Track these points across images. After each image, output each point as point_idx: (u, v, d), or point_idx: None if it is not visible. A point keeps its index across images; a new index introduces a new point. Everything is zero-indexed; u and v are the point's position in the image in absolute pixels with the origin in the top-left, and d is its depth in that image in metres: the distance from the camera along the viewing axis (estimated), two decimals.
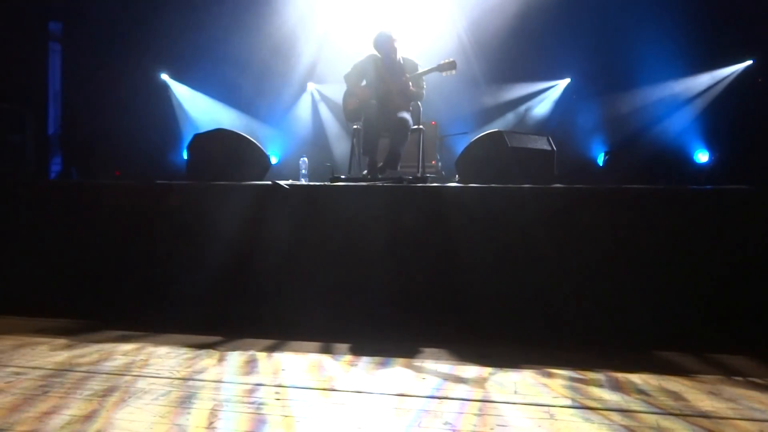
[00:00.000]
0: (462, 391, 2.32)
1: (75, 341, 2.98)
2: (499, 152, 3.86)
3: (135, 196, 3.73)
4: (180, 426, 1.96)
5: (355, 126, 5.21)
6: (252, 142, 4.18)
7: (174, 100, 9.54)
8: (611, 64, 7.81)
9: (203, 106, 9.38)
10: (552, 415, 2.09)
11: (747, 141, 7.32)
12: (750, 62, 7.99)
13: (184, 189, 3.73)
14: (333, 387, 2.38)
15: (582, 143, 8.45)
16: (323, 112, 9.49)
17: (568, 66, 8.40)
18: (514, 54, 7.96)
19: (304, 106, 9.58)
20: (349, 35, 7.35)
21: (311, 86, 9.50)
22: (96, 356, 2.73)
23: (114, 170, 8.40)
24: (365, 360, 2.73)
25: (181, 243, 3.56)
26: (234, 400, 2.19)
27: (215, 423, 1.99)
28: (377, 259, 3.34)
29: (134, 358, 2.70)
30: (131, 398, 2.19)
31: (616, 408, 2.16)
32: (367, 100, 4.88)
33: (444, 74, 4.78)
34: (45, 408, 2.09)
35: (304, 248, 3.45)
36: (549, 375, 2.53)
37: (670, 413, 2.11)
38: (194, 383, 2.37)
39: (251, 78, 8.68)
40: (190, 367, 2.59)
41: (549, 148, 4.14)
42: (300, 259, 3.44)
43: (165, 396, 2.22)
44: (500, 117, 8.75)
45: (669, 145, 8.05)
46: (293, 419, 2.03)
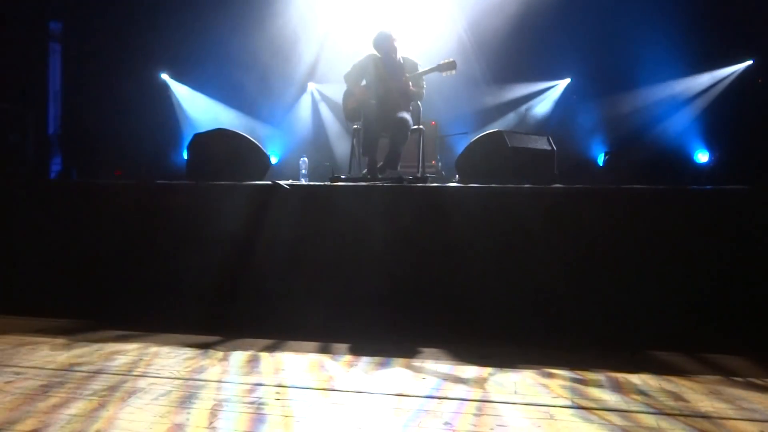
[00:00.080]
0: (461, 391, 2.32)
1: (75, 341, 2.98)
2: (499, 152, 3.86)
3: (135, 196, 3.73)
4: (180, 426, 1.96)
5: (355, 126, 5.20)
6: (252, 142, 4.18)
7: (174, 100, 9.55)
8: (611, 64, 7.80)
9: (203, 106, 9.37)
10: (551, 416, 2.09)
11: (747, 141, 7.33)
12: (750, 62, 8.00)
13: (185, 189, 3.73)
14: (333, 387, 2.38)
15: (582, 143, 8.45)
16: (323, 112, 9.50)
17: (568, 66, 8.40)
18: (514, 54, 7.96)
19: (305, 106, 9.58)
20: (350, 35, 7.35)
21: (311, 86, 9.50)
22: (96, 356, 2.74)
23: (114, 170, 8.39)
24: (365, 360, 2.73)
25: (181, 243, 3.56)
26: (234, 400, 2.20)
27: (215, 423, 1.99)
28: (377, 259, 3.35)
29: (134, 358, 2.70)
30: (132, 398, 2.20)
31: (616, 408, 2.16)
32: (367, 100, 4.88)
33: (444, 74, 4.77)
34: (45, 408, 2.09)
35: (304, 248, 3.45)
36: (548, 375, 2.53)
37: (670, 414, 2.11)
38: (194, 383, 2.38)
39: (251, 78, 8.67)
40: (191, 367, 2.59)
41: (549, 148, 4.14)
42: (300, 259, 3.44)
43: (165, 396, 2.22)
44: (500, 117, 8.76)
45: (669, 145, 8.05)
46: (293, 419, 2.03)
